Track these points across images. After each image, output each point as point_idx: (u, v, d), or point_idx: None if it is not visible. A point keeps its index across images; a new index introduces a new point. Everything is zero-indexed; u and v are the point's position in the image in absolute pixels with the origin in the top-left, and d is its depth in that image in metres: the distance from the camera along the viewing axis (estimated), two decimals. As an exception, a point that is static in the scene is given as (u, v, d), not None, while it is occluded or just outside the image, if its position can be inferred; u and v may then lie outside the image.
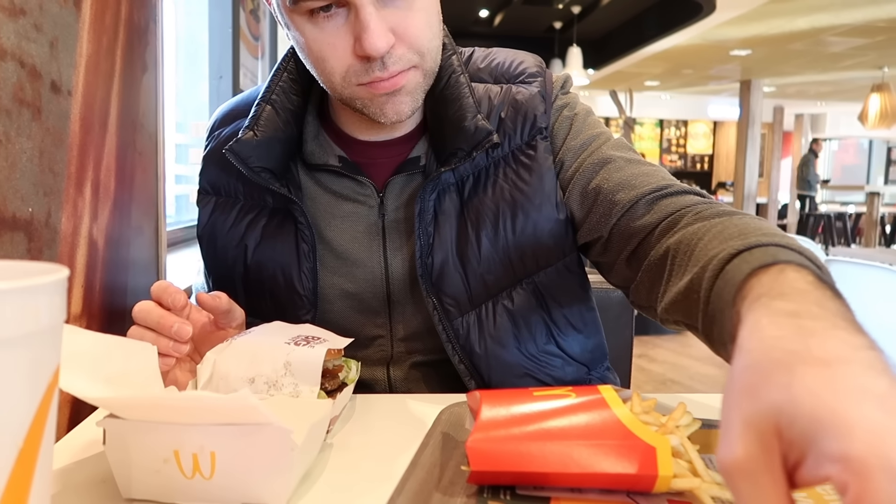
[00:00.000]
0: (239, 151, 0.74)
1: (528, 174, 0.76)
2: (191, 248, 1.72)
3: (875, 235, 7.68)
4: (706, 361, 3.95)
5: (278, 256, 0.78)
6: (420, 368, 0.81)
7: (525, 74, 0.80)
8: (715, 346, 0.53)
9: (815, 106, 11.58)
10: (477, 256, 0.75)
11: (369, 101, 0.70)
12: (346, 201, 0.79)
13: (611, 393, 0.52)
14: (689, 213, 0.65)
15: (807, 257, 0.49)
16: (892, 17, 5.61)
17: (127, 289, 0.85)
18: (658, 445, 0.45)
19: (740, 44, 6.86)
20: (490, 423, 0.48)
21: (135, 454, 0.47)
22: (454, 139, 0.74)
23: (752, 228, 0.55)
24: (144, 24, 0.89)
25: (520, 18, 7.49)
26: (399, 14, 0.66)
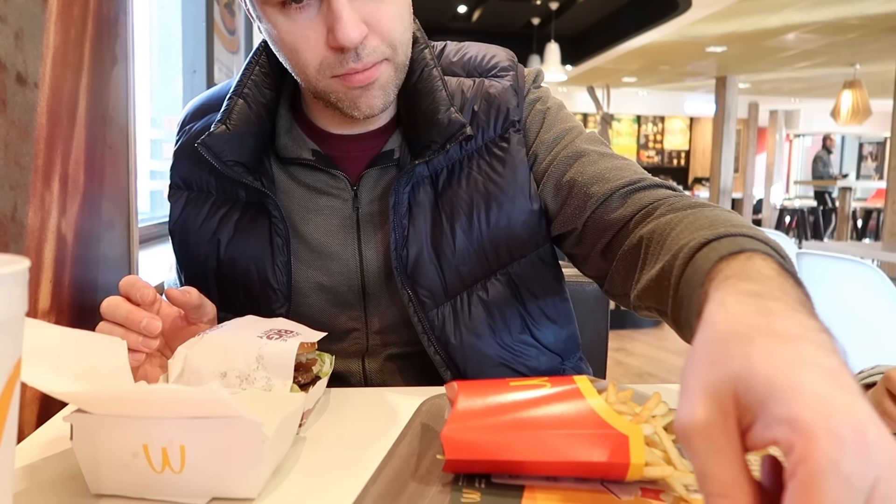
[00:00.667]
0: (211, 145, 0.74)
1: (502, 166, 0.77)
2: (165, 245, 1.70)
3: (847, 229, 7.82)
4: (683, 354, 3.99)
5: (251, 250, 0.78)
6: (395, 361, 0.81)
7: (497, 68, 0.80)
8: (682, 329, 0.55)
9: (789, 102, 11.74)
10: (452, 248, 0.76)
11: (343, 94, 0.70)
12: (320, 195, 0.79)
13: (585, 383, 0.52)
14: (662, 206, 0.67)
15: (773, 248, 0.51)
16: (863, 15, 5.71)
17: (97, 285, 0.84)
18: (630, 434, 0.46)
19: (715, 40, 6.93)
20: (466, 413, 0.49)
21: (103, 449, 0.47)
22: (428, 132, 0.75)
23: (722, 220, 0.56)
24: (114, 16, 0.87)
25: (498, 14, 7.50)
26: (371, 5, 0.66)
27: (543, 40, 7.41)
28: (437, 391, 0.65)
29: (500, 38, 7.25)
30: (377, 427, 0.61)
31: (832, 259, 2.06)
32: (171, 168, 0.84)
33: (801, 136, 13.52)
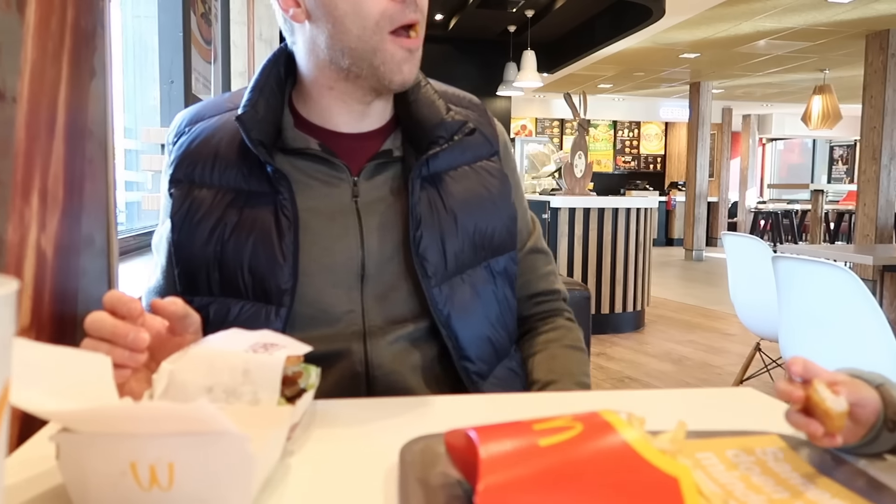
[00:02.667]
0: (246, 122, 0.81)
1: (493, 179, 0.93)
2: (144, 258, 1.68)
3: (820, 232, 7.96)
4: (662, 359, 4.04)
5: (258, 231, 0.82)
6: (397, 344, 0.84)
7: (471, 105, 0.97)
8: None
9: (761, 107, 11.94)
10: (454, 235, 0.87)
11: (391, 56, 0.80)
12: (322, 184, 0.86)
13: (614, 416, 0.48)
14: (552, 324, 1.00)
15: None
16: (832, 22, 5.84)
17: (78, 299, 0.83)
18: (680, 475, 0.42)
19: (689, 47, 7.03)
20: (494, 466, 0.43)
21: (90, 468, 0.46)
22: (434, 131, 0.86)
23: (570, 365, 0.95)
24: (91, 28, 0.87)
25: (474, 22, 7.54)
26: None
27: (520, 48, 7.46)
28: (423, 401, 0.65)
29: (476, 46, 7.29)
30: (365, 441, 0.61)
31: (806, 262, 2.10)
32: (174, 166, 0.88)
33: (774, 141, 13.75)
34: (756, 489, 0.49)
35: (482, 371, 0.88)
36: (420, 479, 0.50)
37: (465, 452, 0.47)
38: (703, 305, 5.81)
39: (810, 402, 0.51)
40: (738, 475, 0.51)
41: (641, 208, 4.79)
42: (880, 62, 5.94)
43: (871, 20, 5.73)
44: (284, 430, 0.55)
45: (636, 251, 4.76)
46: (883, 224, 5.93)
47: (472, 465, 0.45)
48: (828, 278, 1.99)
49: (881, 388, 0.58)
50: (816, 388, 0.51)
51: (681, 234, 11.22)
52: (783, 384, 0.53)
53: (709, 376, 3.69)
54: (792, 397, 0.51)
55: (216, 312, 0.82)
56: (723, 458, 0.53)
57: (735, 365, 3.75)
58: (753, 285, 2.93)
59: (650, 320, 5.10)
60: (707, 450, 0.54)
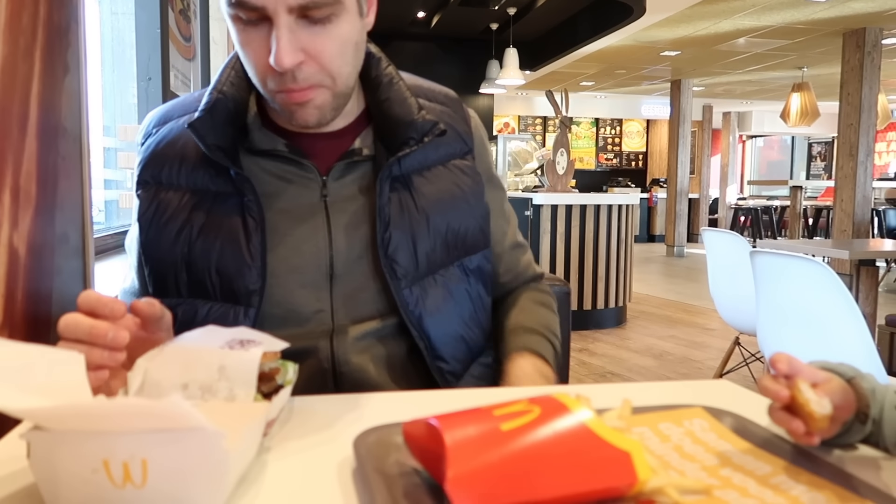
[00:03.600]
0: (199, 128, 0.80)
1: (466, 178, 0.92)
2: (122, 256, 1.66)
3: (799, 227, 8.06)
4: (644, 354, 4.07)
5: (225, 232, 0.82)
6: (363, 342, 0.84)
7: (447, 100, 0.95)
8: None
9: (741, 104, 12.05)
10: (425, 235, 0.86)
11: (282, 105, 0.79)
12: (290, 184, 0.85)
13: (570, 399, 0.50)
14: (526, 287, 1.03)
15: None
16: (810, 20, 5.90)
17: (52, 298, 0.82)
18: (631, 450, 0.45)
19: (670, 45, 7.08)
20: (460, 453, 0.44)
21: (61, 466, 0.46)
22: (405, 131, 0.85)
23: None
24: (65, 24, 0.86)
25: (456, 19, 7.53)
26: (314, 38, 0.74)
27: (502, 45, 7.47)
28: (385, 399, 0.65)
29: (459, 43, 7.30)
30: (343, 435, 0.61)
31: (783, 257, 2.12)
32: (141, 168, 0.87)
33: (754, 138, 13.89)
34: (689, 458, 0.53)
35: (456, 370, 0.88)
36: (377, 468, 0.51)
37: (426, 441, 0.48)
38: (684, 301, 5.86)
39: (794, 402, 0.52)
40: (671, 446, 0.55)
41: (623, 205, 4.82)
42: (857, 60, 6.02)
43: (848, 18, 5.81)
44: (260, 426, 0.55)
45: (618, 247, 4.79)
46: (860, 219, 6.02)
47: (434, 453, 0.46)
48: (804, 273, 2.01)
49: (852, 382, 0.59)
50: (801, 389, 0.52)
51: (662, 231, 11.31)
52: (768, 382, 0.53)
53: (689, 371, 3.73)
54: (778, 397, 0.52)
55: (185, 313, 0.82)
56: (657, 432, 0.58)
57: (715, 359, 3.79)
58: (732, 280, 2.96)
59: (632, 316, 5.14)
60: (642, 425, 0.58)
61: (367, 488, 0.48)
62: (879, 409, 0.59)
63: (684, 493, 0.47)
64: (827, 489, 0.49)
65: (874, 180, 6.55)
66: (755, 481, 0.50)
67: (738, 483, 0.50)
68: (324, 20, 0.73)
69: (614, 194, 5.40)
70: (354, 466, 0.54)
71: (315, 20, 0.73)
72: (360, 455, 0.53)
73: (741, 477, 0.50)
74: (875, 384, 0.60)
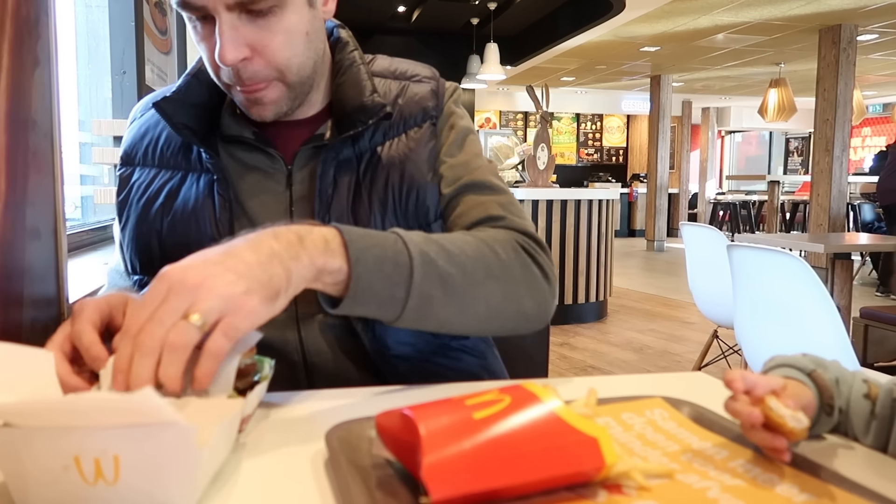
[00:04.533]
0: (165, 108, 0.83)
1: (417, 146, 0.87)
2: (98, 252, 1.65)
3: (776, 221, 8.16)
4: (625, 348, 4.11)
5: (196, 209, 0.84)
6: (330, 333, 0.83)
7: (420, 76, 0.92)
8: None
9: (720, 100, 12.17)
10: (368, 214, 0.83)
11: (238, 101, 0.81)
12: (258, 173, 0.86)
13: (538, 388, 0.51)
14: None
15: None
16: (787, 16, 5.97)
17: (23, 295, 0.81)
18: (599, 436, 0.47)
19: (649, 40, 7.13)
20: (434, 442, 0.45)
21: (31, 463, 0.45)
22: (355, 115, 0.84)
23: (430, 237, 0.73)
24: (35, 16, 0.84)
25: (437, 14, 7.52)
26: (258, 32, 0.75)
27: (483, 40, 7.47)
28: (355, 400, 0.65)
29: (439, 38, 7.28)
30: (316, 430, 0.61)
31: (759, 251, 2.15)
32: (122, 151, 0.92)
33: (732, 133, 14.03)
34: (651, 445, 0.55)
35: (405, 354, 0.84)
36: (351, 461, 0.52)
37: (400, 432, 0.49)
38: (664, 295, 5.92)
39: (769, 420, 0.51)
40: (634, 434, 0.57)
41: (604, 200, 4.85)
42: (833, 56, 6.11)
43: (824, 15, 5.88)
44: (235, 422, 0.54)
45: (599, 242, 4.82)
46: (835, 214, 6.11)
47: (408, 443, 0.47)
48: (780, 266, 2.04)
49: (813, 375, 0.59)
50: (772, 407, 0.51)
51: (643, 226, 11.40)
52: (736, 405, 0.53)
53: (669, 364, 3.76)
54: (752, 420, 0.51)
55: None
56: (619, 421, 0.59)
57: (695, 352, 3.84)
58: (710, 274, 2.99)
59: (612, 310, 5.18)
60: (606, 415, 0.60)
61: (342, 480, 0.49)
62: (846, 399, 0.59)
63: (649, 477, 0.48)
64: (781, 470, 0.51)
65: (850, 175, 6.65)
66: (714, 465, 0.52)
67: (699, 467, 0.51)
68: (266, 13, 0.74)
69: (595, 189, 5.44)
70: (328, 460, 0.54)
71: (257, 14, 0.74)
72: (333, 448, 0.54)
73: (701, 461, 0.52)
74: (839, 373, 0.61)
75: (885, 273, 5.76)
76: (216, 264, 0.56)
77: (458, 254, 0.72)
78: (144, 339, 0.52)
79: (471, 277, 0.72)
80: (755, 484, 0.49)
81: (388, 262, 0.66)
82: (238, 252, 0.57)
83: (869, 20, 6.02)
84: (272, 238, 0.60)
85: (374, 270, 0.65)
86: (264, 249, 0.58)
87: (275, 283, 0.58)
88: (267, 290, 0.57)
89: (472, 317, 0.73)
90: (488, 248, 0.75)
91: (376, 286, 0.65)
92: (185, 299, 0.53)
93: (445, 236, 0.75)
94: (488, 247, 0.76)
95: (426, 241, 0.71)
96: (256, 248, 0.58)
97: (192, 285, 0.53)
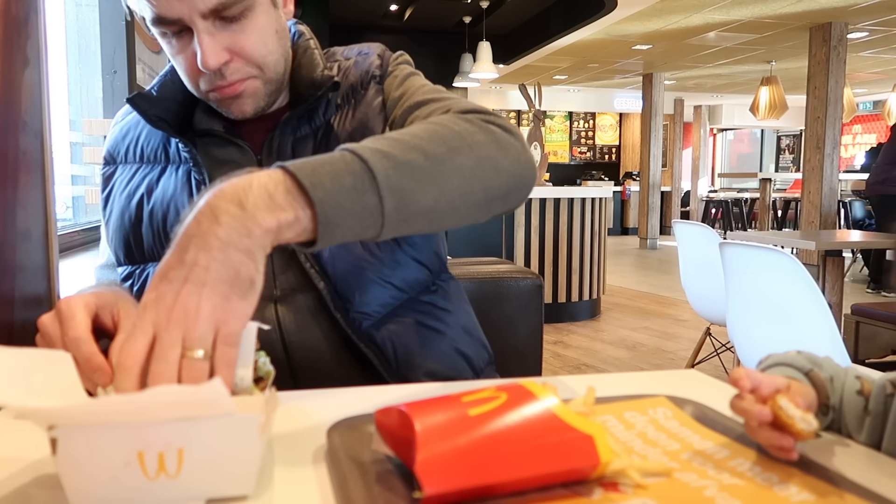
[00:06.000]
0: (140, 103, 0.87)
1: (366, 110, 0.90)
2: (90, 252, 1.64)
3: (768, 219, 8.19)
4: (618, 345, 4.12)
5: (173, 197, 0.87)
6: (308, 313, 0.85)
7: (366, 51, 0.96)
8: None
9: (711, 98, 12.20)
10: None
11: (218, 102, 0.84)
12: (231, 166, 0.86)
13: (533, 385, 0.52)
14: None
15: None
16: (778, 14, 6.00)
17: (14, 297, 0.80)
18: (594, 433, 0.47)
19: (641, 39, 7.14)
20: (429, 438, 0.45)
21: (91, 462, 0.45)
22: (306, 91, 0.88)
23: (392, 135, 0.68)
24: (24, 16, 0.84)
25: (429, 12, 7.51)
26: (234, 35, 0.79)
27: (475, 39, 7.47)
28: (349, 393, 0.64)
29: (431, 36, 7.27)
30: (317, 426, 0.61)
31: (750, 248, 2.16)
32: (106, 149, 0.96)
33: (724, 131, 14.08)
34: (652, 443, 0.55)
35: (370, 312, 0.86)
36: (351, 456, 0.52)
37: (397, 428, 0.49)
38: (657, 293, 5.93)
39: (778, 420, 0.51)
40: (635, 433, 0.57)
41: (597, 198, 4.86)
42: (823, 54, 6.13)
43: (815, 13, 5.91)
44: (269, 416, 0.54)
45: (592, 240, 4.83)
46: (827, 211, 6.14)
47: (405, 439, 0.47)
48: (771, 263, 2.05)
49: (810, 375, 0.60)
50: (782, 406, 0.51)
51: (635, 223, 11.43)
52: (744, 404, 0.53)
53: (662, 361, 3.77)
54: (761, 418, 0.51)
55: (145, 281, 0.87)
56: (621, 420, 0.59)
57: (687, 350, 3.85)
58: (703, 272, 3.00)
59: (606, 308, 5.19)
60: (608, 413, 0.60)
61: (340, 475, 0.49)
62: (839, 397, 0.60)
63: (645, 476, 0.48)
64: (780, 469, 0.51)
65: (840, 172, 6.69)
66: (714, 464, 0.51)
67: (698, 466, 0.51)
68: (239, 17, 0.78)
69: (588, 187, 5.44)
70: (328, 455, 0.55)
71: (230, 19, 0.78)
72: (334, 444, 0.55)
73: (701, 460, 0.52)
74: (833, 370, 0.61)
75: (876, 269, 5.79)
76: (182, 282, 0.52)
77: (410, 140, 0.66)
78: (159, 383, 0.50)
79: (434, 156, 0.66)
80: (753, 483, 0.49)
81: (345, 174, 0.59)
82: (191, 258, 0.53)
83: (859, 18, 6.05)
84: (213, 222, 0.54)
85: (334, 188, 0.58)
86: (213, 242, 0.53)
87: (242, 273, 0.54)
88: (239, 284, 0.53)
89: (455, 193, 0.67)
90: (439, 126, 0.71)
91: (344, 202, 0.58)
92: (176, 333, 0.51)
93: (392, 133, 0.69)
94: (438, 125, 0.71)
95: (374, 140, 0.65)
96: (205, 244, 0.53)
97: (175, 318, 0.51)
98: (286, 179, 0.57)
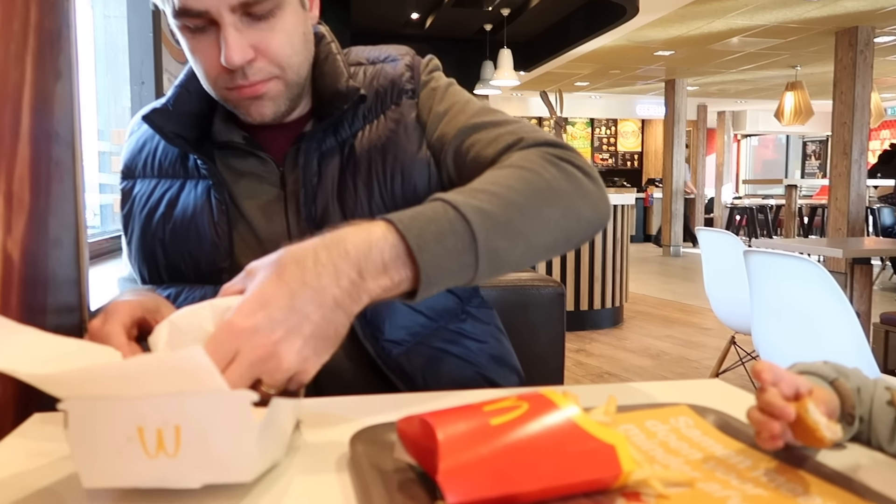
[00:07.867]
0: (155, 119, 0.86)
1: (396, 126, 0.87)
2: (118, 260, 1.66)
3: (794, 226, 8.08)
4: (641, 354, 4.08)
5: (194, 215, 0.86)
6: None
7: (393, 56, 0.93)
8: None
9: (735, 104, 12.08)
10: (354, 201, 0.85)
11: (236, 103, 0.82)
12: (252, 178, 0.88)
13: (557, 395, 0.52)
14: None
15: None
16: (802, 19, 5.93)
17: (47, 303, 0.82)
18: (616, 443, 0.47)
19: (663, 45, 7.10)
20: (451, 447, 0.45)
21: (99, 434, 0.45)
22: (331, 102, 0.86)
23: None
24: (56, 29, 0.86)
25: (450, 20, 7.54)
26: (260, 33, 0.77)
27: (496, 46, 7.48)
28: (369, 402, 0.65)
29: (452, 44, 7.28)
30: (340, 434, 0.61)
31: (776, 256, 2.13)
32: (122, 164, 0.94)
33: (748, 137, 13.93)
34: (674, 453, 0.55)
35: (399, 339, 0.85)
36: (373, 464, 0.53)
37: (419, 437, 0.49)
38: (680, 301, 5.88)
39: (801, 422, 0.50)
40: (657, 442, 0.57)
41: (619, 205, 4.83)
42: (849, 58, 6.05)
43: (841, 17, 5.83)
44: (289, 414, 0.55)
45: (614, 248, 4.80)
46: (854, 218, 6.04)
47: (427, 448, 0.47)
48: (797, 272, 2.02)
49: (835, 384, 0.59)
50: (809, 410, 0.50)
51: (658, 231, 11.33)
52: (768, 397, 0.52)
53: (686, 370, 3.73)
54: (784, 414, 0.50)
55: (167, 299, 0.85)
56: (643, 429, 0.59)
57: (712, 359, 3.80)
58: (727, 280, 2.97)
59: (628, 316, 5.15)
60: (629, 422, 0.60)
61: (363, 483, 0.50)
62: (868, 408, 0.59)
63: (668, 485, 0.48)
64: (804, 480, 0.50)
65: (868, 179, 6.58)
66: (736, 474, 0.51)
67: (721, 476, 0.51)
68: (267, 15, 0.77)
69: (610, 194, 5.40)
70: (351, 462, 0.55)
71: (258, 16, 0.76)
72: (357, 451, 0.55)
73: (724, 470, 0.52)
74: (860, 381, 0.60)
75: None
76: (282, 325, 0.54)
77: (506, 193, 0.68)
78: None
79: (527, 211, 0.69)
80: (777, 493, 0.48)
81: (448, 234, 0.62)
82: (302, 306, 0.55)
83: (886, 22, 5.96)
84: (334, 283, 0.57)
85: (439, 251, 0.61)
86: (328, 301, 0.56)
87: (339, 333, 0.59)
88: (333, 342, 0.58)
89: (540, 247, 0.71)
90: (529, 173, 0.72)
91: (445, 264, 0.62)
92: (255, 369, 0.53)
93: (486, 179, 0.71)
94: (529, 171, 0.72)
95: (472, 194, 0.67)
96: (320, 299, 0.56)
97: (262, 356, 0.53)
98: (399, 244, 0.60)
